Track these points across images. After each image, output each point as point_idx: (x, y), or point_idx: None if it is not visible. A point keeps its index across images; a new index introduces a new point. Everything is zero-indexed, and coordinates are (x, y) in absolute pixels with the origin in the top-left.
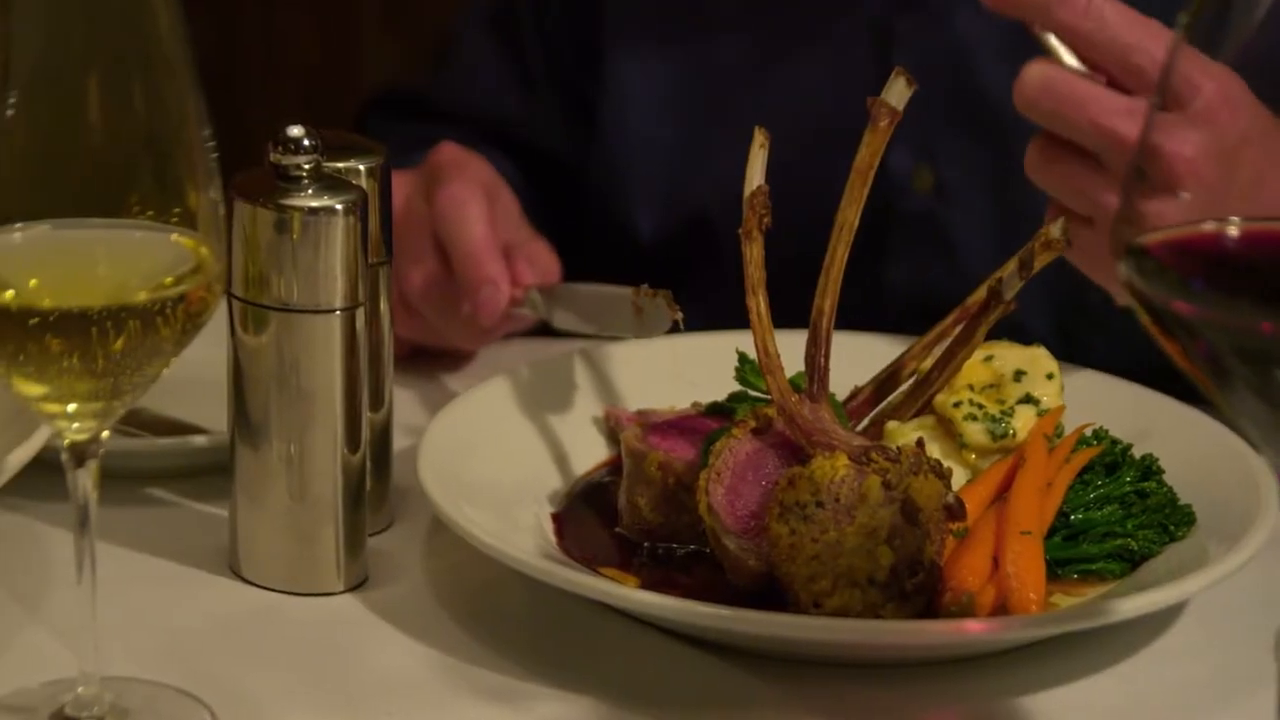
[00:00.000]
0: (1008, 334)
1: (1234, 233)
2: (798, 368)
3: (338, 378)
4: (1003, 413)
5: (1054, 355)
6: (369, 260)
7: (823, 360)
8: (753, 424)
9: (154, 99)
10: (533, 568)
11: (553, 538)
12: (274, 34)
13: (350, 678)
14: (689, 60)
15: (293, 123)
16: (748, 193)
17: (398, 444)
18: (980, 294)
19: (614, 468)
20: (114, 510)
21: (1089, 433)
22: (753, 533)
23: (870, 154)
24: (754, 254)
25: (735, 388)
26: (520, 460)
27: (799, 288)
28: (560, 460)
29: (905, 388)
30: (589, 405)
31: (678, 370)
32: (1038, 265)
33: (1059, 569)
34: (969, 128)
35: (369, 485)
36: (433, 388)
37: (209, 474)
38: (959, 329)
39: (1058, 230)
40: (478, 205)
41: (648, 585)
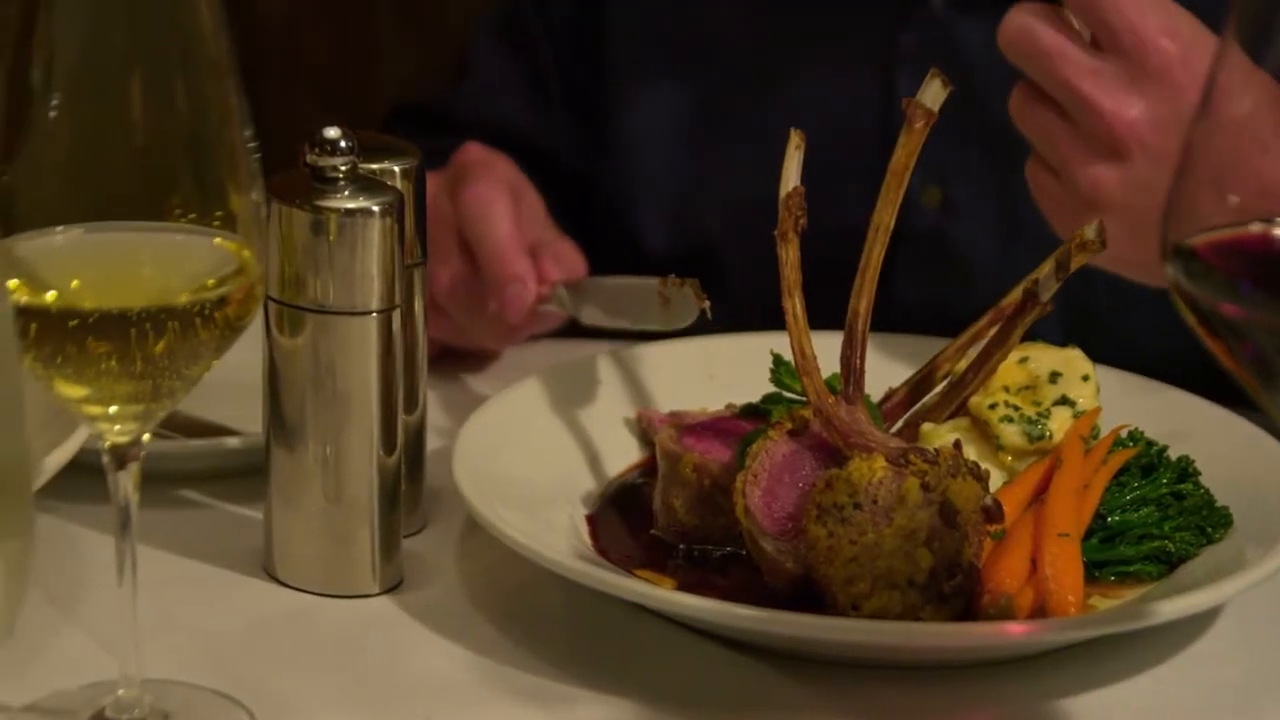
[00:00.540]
0: None
1: None
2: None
3: (374, 380)
4: (1039, 414)
5: None
6: (405, 262)
7: (858, 362)
8: (789, 426)
9: (196, 99)
10: (571, 570)
11: (588, 539)
12: (289, 35)
13: (387, 680)
14: (694, 79)
15: (329, 124)
16: (783, 194)
17: (428, 446)
18: (1015, 295)
19: (646, 469)
20: (147, 512)
21: (1124, 434)
22: (790, 535)
23: (906, 155)
24: (790, 256)
25: (767, 389)
26: (553, 462)
27: (808, 295)
28: (593, 462)
29: (940, 389)
30: (620, 407)
31: (709, 371)
32: (1073, 266)
33: (1096, 571)
34: (976, 143)
35: (403, 487)
36: (461, 389)
37: (242, 476)
38: (993, 331)
39: (1092, 232)
40: (503, 204)
41: (684, 587)
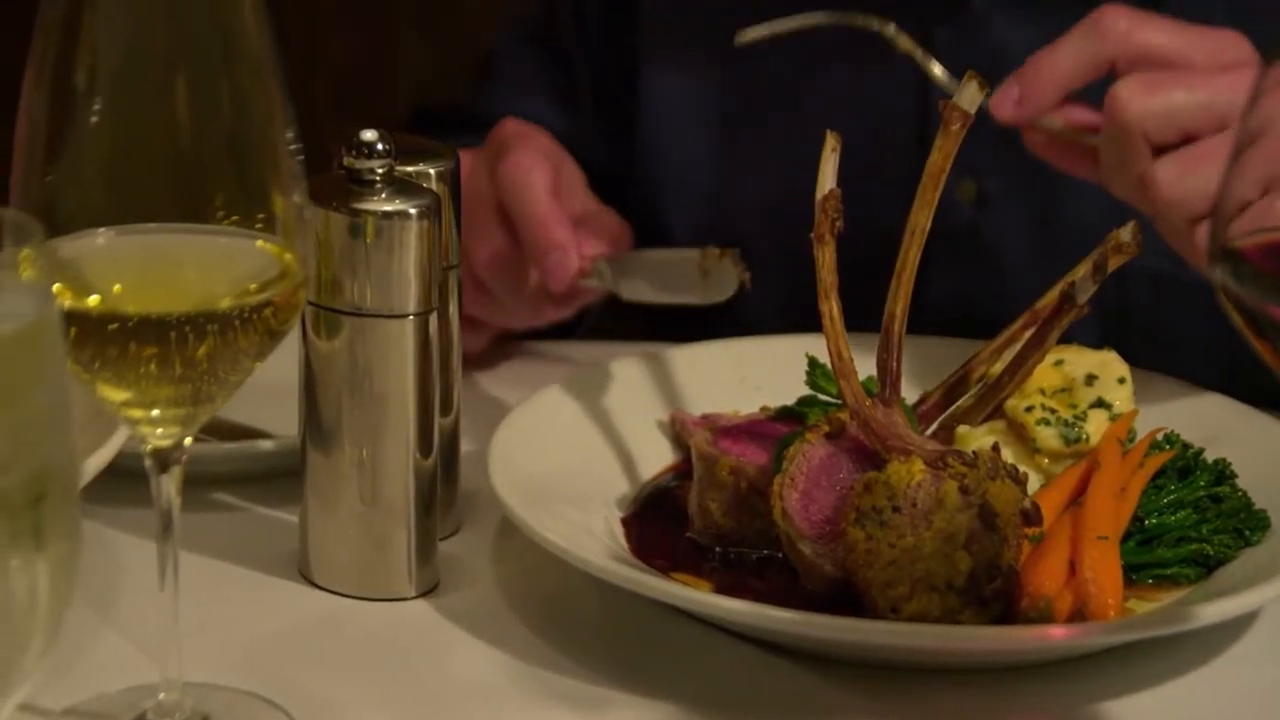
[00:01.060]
0: None
1: None
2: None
3: (410, 382)
4: (1075, 417)
5: None
6: (441, 264)
7: (895, 365)
8: (826, 428)
9: (239, 100)
10: (613, 573)
11: (624, 542)
12: (310, 35)
13: (426, 683)
14: (725, 75)
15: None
16: (820, 196)
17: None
18: (1051, 298)
19: (680, 472)
20: (181, 514)
21: (1160, 437)
22: (828, 538)
23: (942, 157)
24: (826, 258)
25: (798, 391)
26: (587, 465)
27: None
28: (626, 464)
29: (975, 392)
30: (652, 409)
31: (740, 374)
32: (1110, 268)
33: (1134, 574)
34: (1010, 138)
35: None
36: (491, 392)
37: (275, 479)
38: (1029, 333)
39: (1128, 234)
40: (542, 172)
41: (721, 590)
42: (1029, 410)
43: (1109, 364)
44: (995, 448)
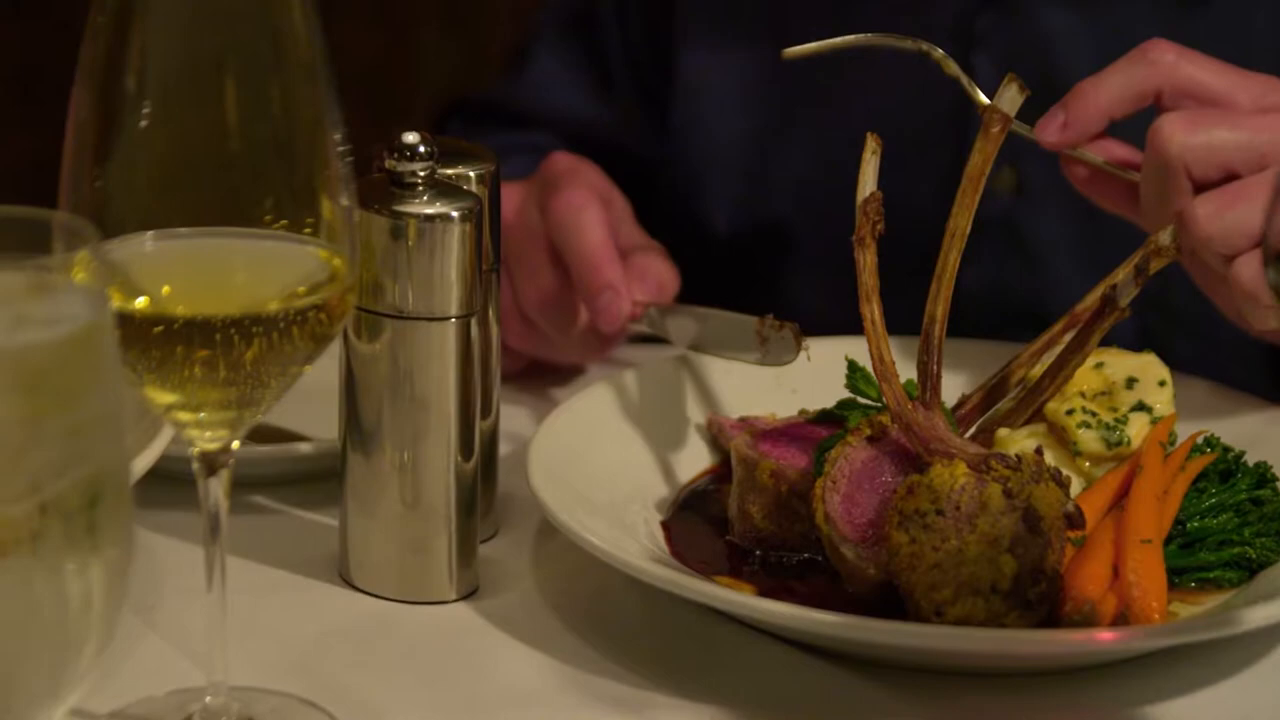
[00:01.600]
0: None
1: None
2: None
3: (452, 385)
4: (1116, 420)
5: None
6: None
7: (935, 367)
8: (867, 431)
9: (289, 102)
10: (658, 577)
11: (664, 545)
12: (333, 34)
13: (470, 687)
14: (763, 58)
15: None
16: (860, 199)
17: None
18: (1091, 300)
19: (717, 475)
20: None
21: (1201, 440)
22: (871, 541)
23: (982, 160)
24: (867, 261)
25: (833, 394)
26: (625, 468)
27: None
28: (664, 468)
29: (1014, 395)
30: (689, 412)
31: (775, 377)
32: (1151, 270)
33: (1176, 577)
34: None
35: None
36: (526, 395)
37: (312, 481)
38: (1068, 336)
39: (1167, 237)
40: (594, 211)
41: (763, 593)
42: (1070, 413)
43: (1149, 367)
44: (1039, 451)
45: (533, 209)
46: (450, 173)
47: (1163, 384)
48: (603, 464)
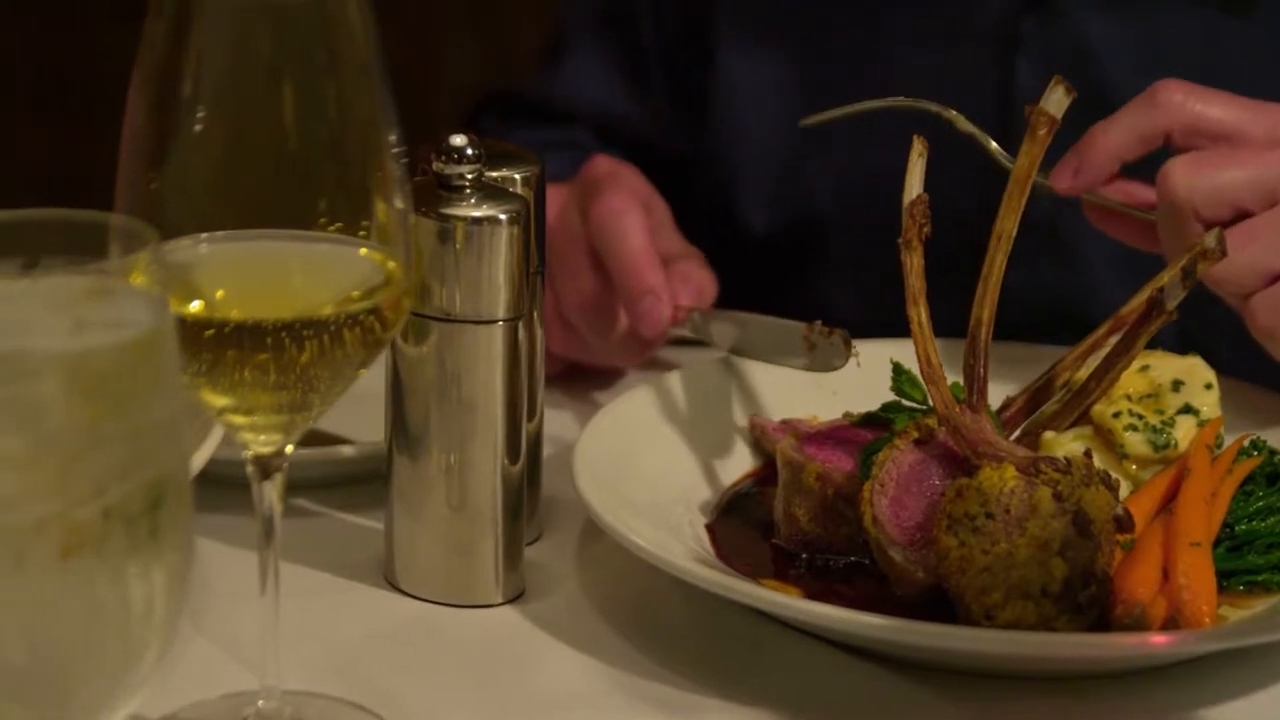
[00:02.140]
0: None
1: None
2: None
3: (499, 388)
4: (1163, 423)
5: None
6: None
7: (982, 370)
8: (914, 434)
9: (344, 104)
10: (708, 580)
11: (710, 548)
12: None
13: (519, 691)
14: (802, 54)
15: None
16: (907, 201)
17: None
18: (1136, 303)
19: (760, 478)
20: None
21: (1247, 443)
22: (919, 544)
23: (1029, 162)
24: (914, 263)
25: (874, 395)
26: (669, 471)
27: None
28: (707, 470)
29: (1059, 397)
30: (731, 415)
31: (817, 379)
32: (1199, 273)
33: (1224, 580)
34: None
35: None
36: (566, 397)
37: (354, 484)
38: (1113, 339)
39: (1213, 240)
40: (636, 216)
41: (810, 597)
42: (1116, 416)
43: (1195, 369)
44: (1088, 453)
45: (574, 213)
46: (495, 175)
47: (1209, 387)
48: (646, 467)
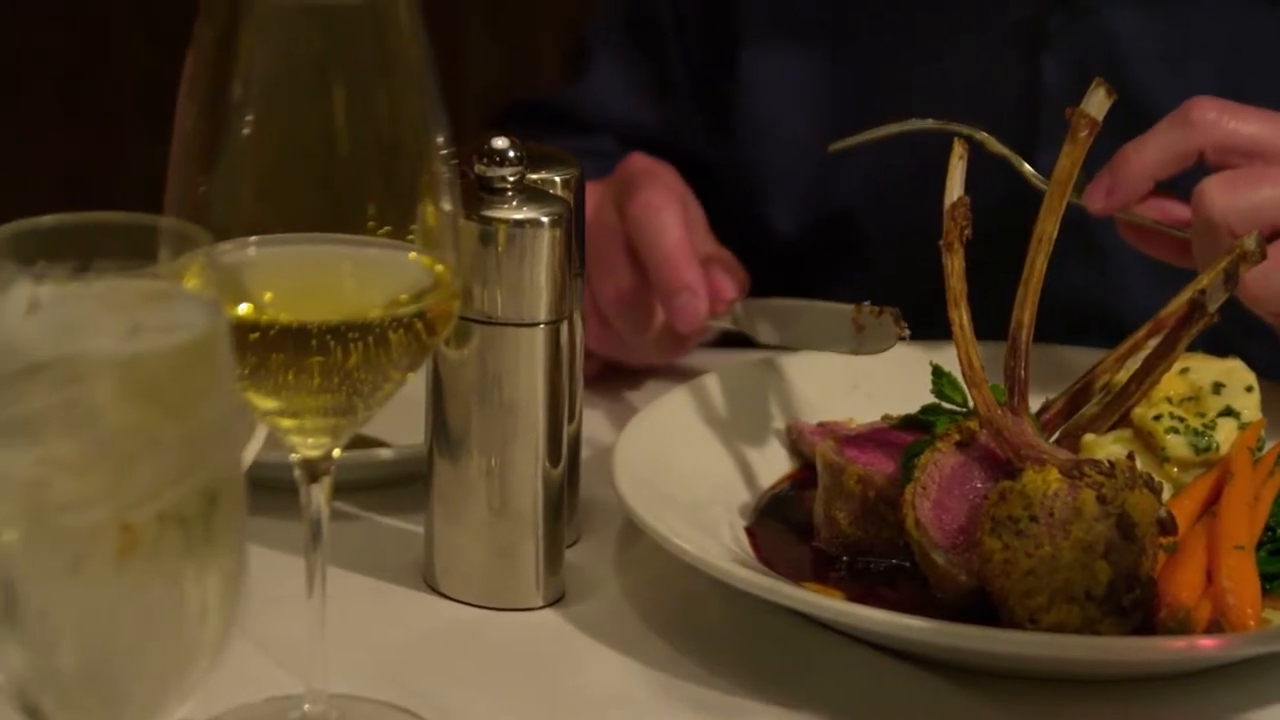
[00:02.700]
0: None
1: None
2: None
3: (541, 391)
4: (1204, 426)
5: None
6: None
7: (1023, 373)
8: (956, 437)
9: (394, 107)
10: (749, 582)
11: (750, 551)
12: None
13: (562, 694)
14: (828, 57)
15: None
16: (948, 204)
17: None
18: (1176, 306)
19: (798, 481)
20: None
21: None
22: (962, 547)
23: (1070, 164)
24: (955, 266)
25: (911, 398)
26: (708, 474)
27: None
28: (746, 473)
29: (1099, 400)
30: (768, 417)
31: (853, 381)
32: (1241, 275)
33: (1268, 584)
34: (1121, 129)
35: None
36: (603, 400)
37: (392, 487)
38: (1152, 341)
39: (1252, 242)
40: (673, 212)
41: (851, 599)
42: (1157, 419)
43: (1235, 372)
44: (1131, 456)
45: (610, 209)
46: (535, 178)
47: (1250, 389)
48: (685, 469)
